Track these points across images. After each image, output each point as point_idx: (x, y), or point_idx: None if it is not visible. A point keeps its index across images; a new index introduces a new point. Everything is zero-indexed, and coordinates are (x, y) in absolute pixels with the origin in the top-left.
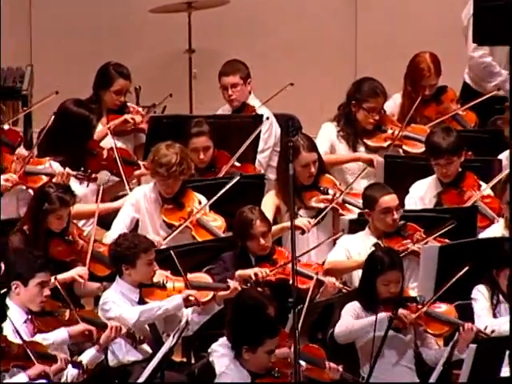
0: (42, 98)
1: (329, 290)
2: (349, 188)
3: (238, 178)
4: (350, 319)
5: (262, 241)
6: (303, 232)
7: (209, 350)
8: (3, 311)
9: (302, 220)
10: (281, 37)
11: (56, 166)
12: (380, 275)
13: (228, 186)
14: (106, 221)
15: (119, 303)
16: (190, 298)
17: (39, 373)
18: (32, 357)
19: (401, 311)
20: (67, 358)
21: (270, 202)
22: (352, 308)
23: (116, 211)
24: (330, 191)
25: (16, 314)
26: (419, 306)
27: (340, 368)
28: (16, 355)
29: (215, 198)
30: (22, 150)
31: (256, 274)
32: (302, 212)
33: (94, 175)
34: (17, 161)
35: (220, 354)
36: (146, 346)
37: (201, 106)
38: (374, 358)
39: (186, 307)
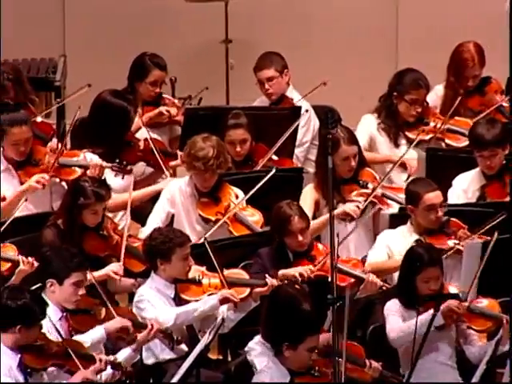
0: (75, 91)
1: (369, 288)
2: (386, 181)
3: (273, 171)
4: (399, 321)
5: (300, 237)
6: (352, 218)
7: (246, 349)
8: (43, 308)
9: (350, 206)
10: (320, 26)
11: (91, 158)
12: (420, 272)
13: (264, 180)
14: (140, 214)
15: (154, 302)
16: (229, 297)
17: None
18: (72, 355)
19: (451, 302)
20: (108, 358)
21: (309, 197)
22: (395, 308)
23: (152, 201)
24: (370, 185)
25: (51, 312)
26: (464, 304)
27: (379, 366)
28: (55, 353)
29: (252, 192)
30: (54, 143)
31: (302, 275)
32: (340, 206)
33: (129, 167)
34: (50, 153)
35: (258, 352)
36: (182, 345)
37: (237, 97)
38: (415, 358)
39: (222, 304)
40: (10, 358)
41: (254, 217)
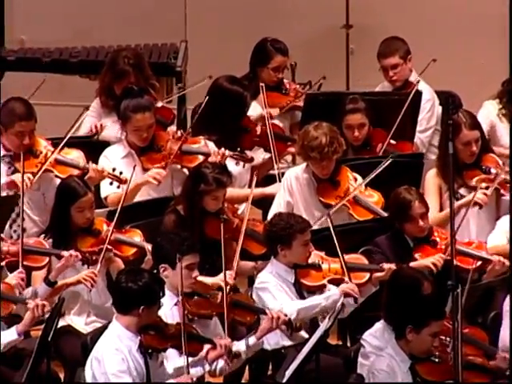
0: (195, 82)
1: (496, 269)
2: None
3: (390, 160)
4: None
5: (421, 222)
6: (481, 206)
7: (361, 341)
8: (162, 286)
9: (478, 194)
10: (441, 10)
11: (211, 146)
12: None
13: (383, 167)
14: (258, 200)
15: (276, 293)
16: (350, 292)
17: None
18: (192, 337)
19: None
20: (228, 345)
21: (432, 183)
22: None
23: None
24: (493, 171)
25: (166, 297)
26: None
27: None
28: (172, 335)
29: (370, 177)
30: (173, 128)
31: (435, 265)
32: (462, 191)
33: (250, 156)
34: (172, 139)
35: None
36: (301, 332)
37: (358, 82)
38: None
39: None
40: (129, 340)
41: (373, 198)
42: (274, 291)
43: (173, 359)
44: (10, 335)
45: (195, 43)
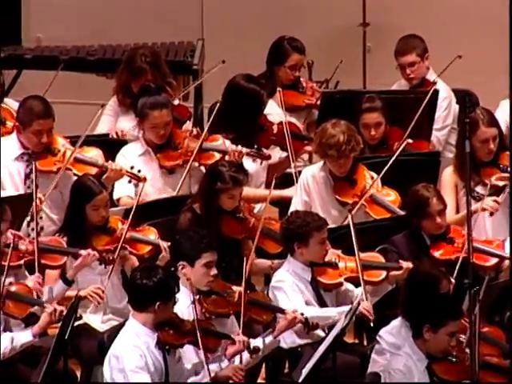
0: (210, 68)
1: None
2: None
3: (407, 140)
4: None
5: (439, 219)
6: (491, 213)
7: (377, 338)
8: (176, 282)
9: (489, 202)
10: (458, 8)
11: (228, 144)
12: None
13: (397, 153)
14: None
15: (291, 295)
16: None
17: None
18: (209, 333)
19: None
20: (247, 340)
21: (448, 180)
22: None
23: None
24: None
25: (183, 295)
26: None
27: None
28: (188, 331)
29: (385, 168)
30: (188, 126)
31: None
32: (478, 188)
33: (267, 153)
34: (189, 137)
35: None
36: (318, 330)
37: (374, 81)
38: None
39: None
40: (147, 336)
41: (390, 196)
42: (289, 292)
43: (190, 355)
44: (26, 337)
45: (212, 41)
